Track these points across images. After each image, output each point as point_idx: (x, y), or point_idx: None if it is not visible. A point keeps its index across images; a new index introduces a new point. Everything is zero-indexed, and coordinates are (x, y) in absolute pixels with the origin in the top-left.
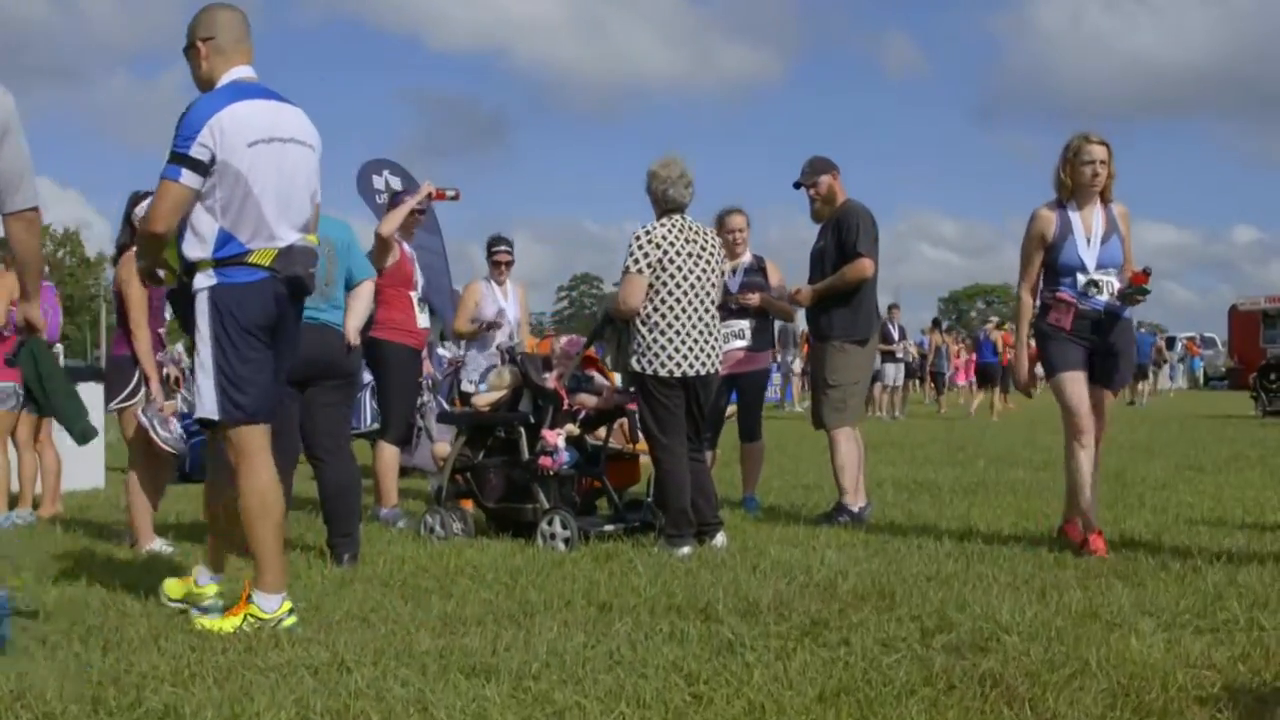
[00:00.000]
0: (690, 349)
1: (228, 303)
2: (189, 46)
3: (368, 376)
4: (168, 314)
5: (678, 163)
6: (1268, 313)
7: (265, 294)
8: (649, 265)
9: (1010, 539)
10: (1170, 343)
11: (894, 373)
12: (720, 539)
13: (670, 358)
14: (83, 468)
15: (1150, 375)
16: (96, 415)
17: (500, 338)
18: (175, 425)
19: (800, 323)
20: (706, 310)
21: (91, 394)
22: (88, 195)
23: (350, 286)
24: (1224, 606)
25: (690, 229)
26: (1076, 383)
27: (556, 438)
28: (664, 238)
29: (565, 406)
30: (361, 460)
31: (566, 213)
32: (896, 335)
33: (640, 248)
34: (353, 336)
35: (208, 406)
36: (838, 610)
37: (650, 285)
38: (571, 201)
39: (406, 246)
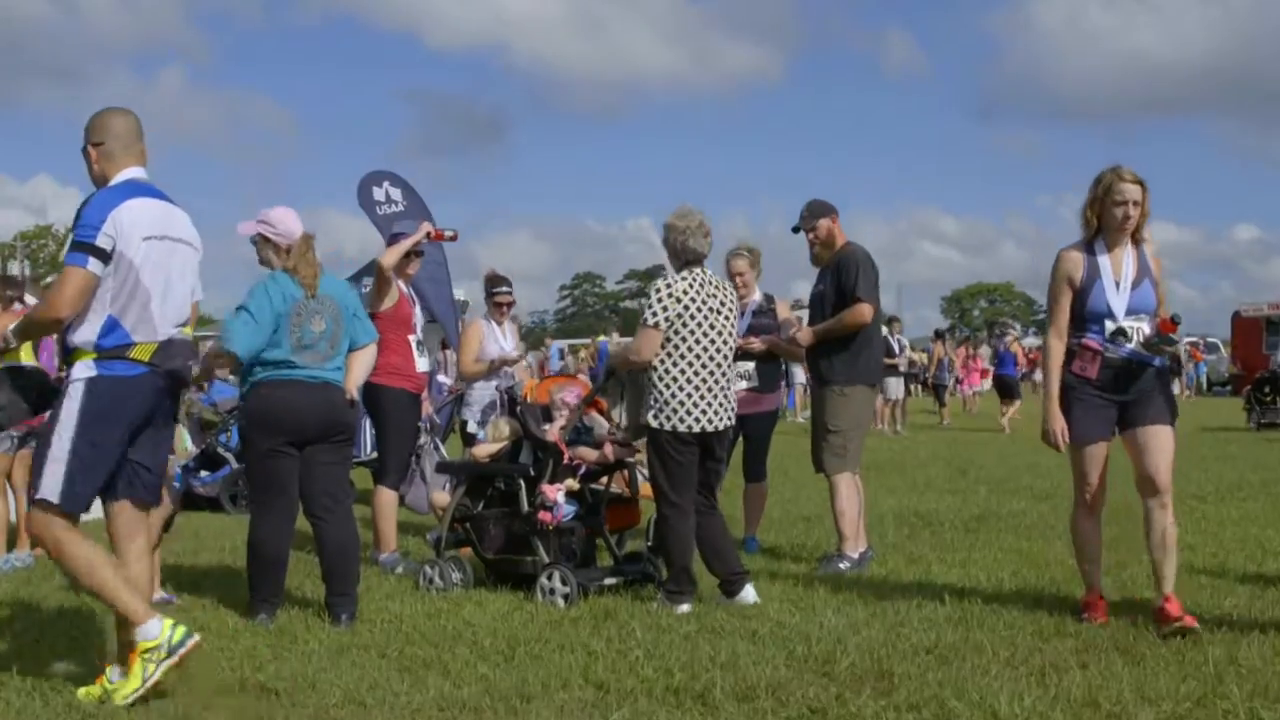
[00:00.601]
0: (709, 404)
1: (105, 395)
2: (83, 148)
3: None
4: None
5: (695, 213)
6: (1271, 319)
7: (144, 389)
8: (667, 320)
9: (1011, 596)
10: None
11: (895, 386)
12: (749, 593)
13: (689, 413)
14: None
15: None
16: None
17: (500, 379)
18: None
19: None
20: (723, 365)
21: None
22: (87, 192)
23: (353, 349)
24: (1224, 693)
25: (710, 283)
26: (1095, 457)
27: (556, 493)
28: (685, 292)
29: (565, 460)
30: (360, 485)
31: (567, 210)
32: (898, 349)
33: (660, 301)
34: (353, 391)
35: (49, 488)
36: (835, 695)
37: (669, 339)
38: (572, 199)
39: (405, 288)
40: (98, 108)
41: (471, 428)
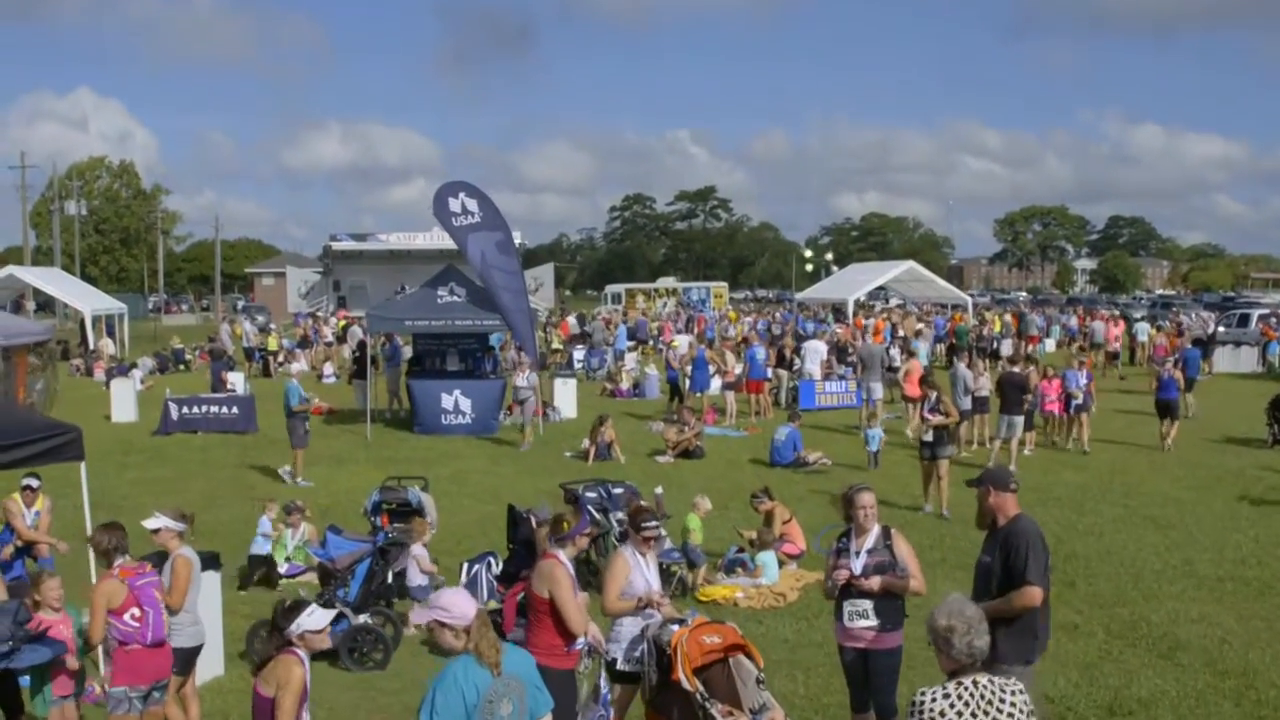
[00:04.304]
0: None
1: None
2: None
3: None
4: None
5: (966, 603)
6: None
7: None
8: None
9: None
10: (1243, 320)
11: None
12: None
13: None
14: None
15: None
16: (213, 601)
17: (646, 615)
18: None
19: (889, 355)
20: None
21: (209, 582)
22: (128, 104)
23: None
24: None
25: (983, 696)
26: None
27: None
28: (943, 714)
29: None
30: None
31: (603, 121)
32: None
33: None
34: None
35: None
36: None
37: None
38: (607, 110)
39: (571, 571)
40: (133, 19)
41: (620, 665)
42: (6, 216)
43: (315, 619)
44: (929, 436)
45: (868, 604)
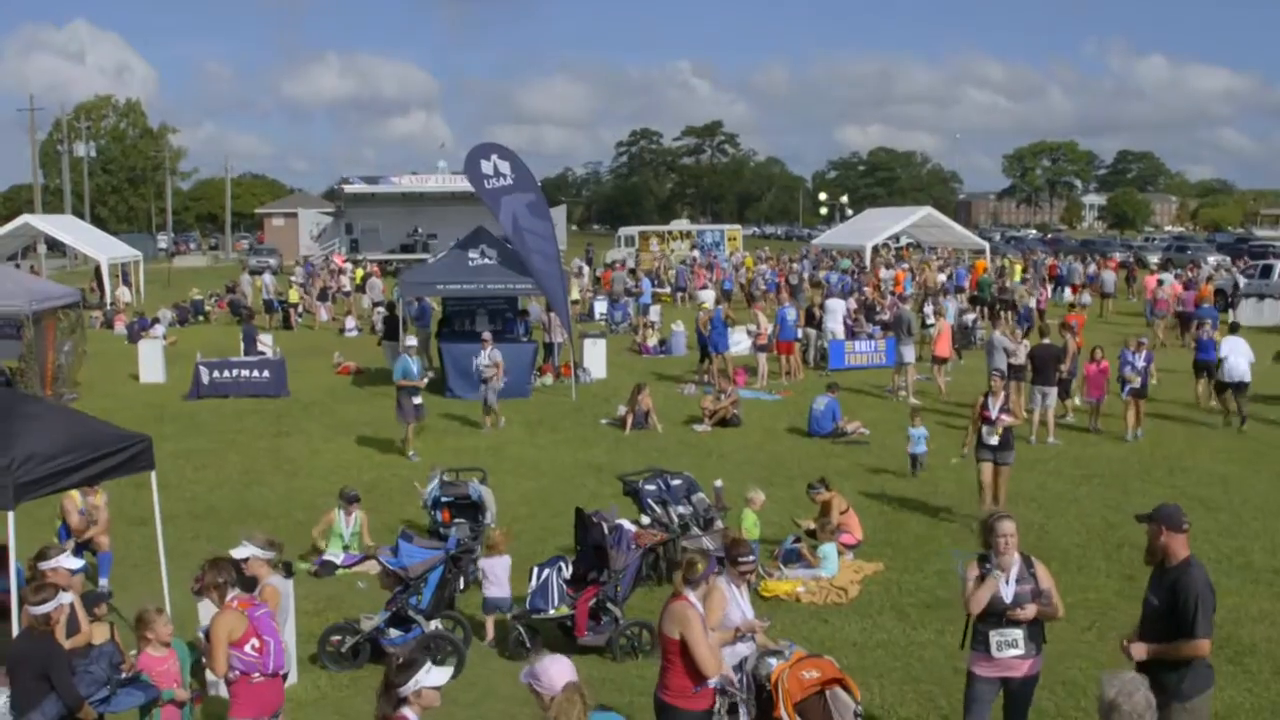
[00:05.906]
0: None
1: None
2: None
3: None
4: None
5: (1139, 686)
6: None
7: None
8: None
9: None
10: (1266, 272)
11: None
12: None
13: None
14: None
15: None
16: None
17: (742, 648)
18: None
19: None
20: None
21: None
22: (127, 36)
23: None
24: None
25: None
26: None
27: None
28: None
29: None
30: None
31: (602, 53)
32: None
33: None
34: None
35: None
36: None
37: None
38: (605, 42)
39: (699, 605)
40: None
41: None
42: (3, 151)
43: (433, 676)
44: (994, 440)
45: (1018, 633)
